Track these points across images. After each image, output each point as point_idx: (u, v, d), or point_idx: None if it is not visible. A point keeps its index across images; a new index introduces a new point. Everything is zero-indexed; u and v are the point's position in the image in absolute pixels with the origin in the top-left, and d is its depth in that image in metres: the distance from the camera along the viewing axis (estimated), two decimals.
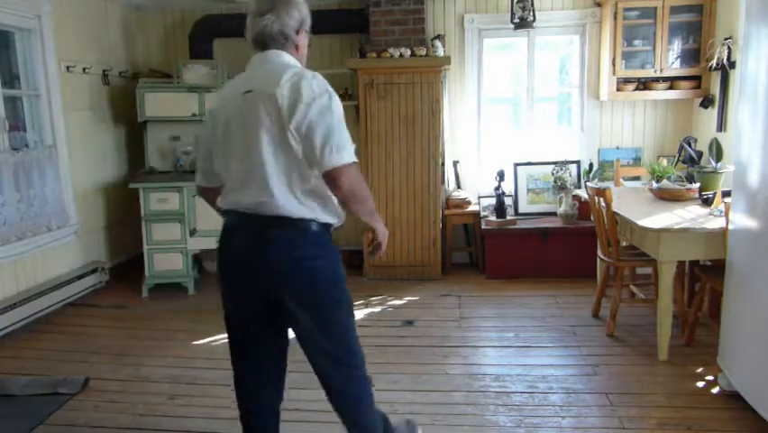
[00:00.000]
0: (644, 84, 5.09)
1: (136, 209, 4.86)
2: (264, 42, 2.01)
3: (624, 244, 4.03)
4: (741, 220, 2.89)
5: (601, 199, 3.81)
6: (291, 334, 2.16)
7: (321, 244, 2.01)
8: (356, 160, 1.94)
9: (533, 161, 5.47)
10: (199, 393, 3.22)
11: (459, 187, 5.51)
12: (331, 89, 1.95)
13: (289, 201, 1.93)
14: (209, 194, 2.21)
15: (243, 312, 2.09)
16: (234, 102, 1.98)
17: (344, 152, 1.89)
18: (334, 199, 2.01)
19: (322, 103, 1.89)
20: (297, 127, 1.88)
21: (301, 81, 1.90)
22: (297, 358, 3.69)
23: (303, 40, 2.10)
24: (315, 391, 3.21)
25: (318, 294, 2.00)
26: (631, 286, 4.31)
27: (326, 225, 2.02)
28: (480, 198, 5.46)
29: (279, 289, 1.97)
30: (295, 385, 3.29)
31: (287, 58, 2.04)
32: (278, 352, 2.20)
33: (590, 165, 5.32)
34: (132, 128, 5.53)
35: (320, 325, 2.03)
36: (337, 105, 1.93)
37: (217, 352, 3.77)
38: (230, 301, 2.11)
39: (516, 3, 4.96)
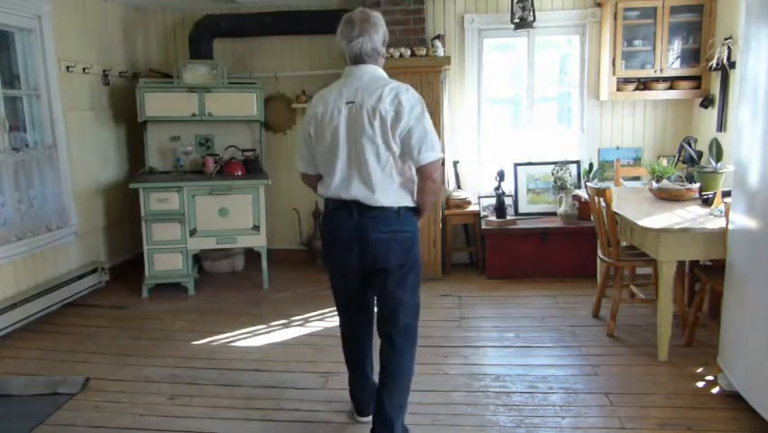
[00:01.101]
0: (644, 84, 5.09)
1: (136, 209, 4.86)
2: (361, 59, 2.48)
3: (624, 244, 4.03)
4: (741, 220, 2.89)
5: (601, 199, 3.81)
6: None
7: (409, 222, 2.54)
8: (442, 155, 2.33)
9: (533, 161, 5.47)
10: (199, 393, 3.22)
11: (459, 187, 5.51)
12: (420, 98, 2.44)
13: (384, 195, 2.44)
14: (310, 179, 2.69)
15: (349, 278, 2.61)
16: (339, 110, 2.44)
17: (435, 150, 2.42)
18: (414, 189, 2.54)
19: (417, 111, 2.39)
20: (400, 134, 2.38)
21: (400, 96, 2.39)
22: (292, 359, 3.71)
23: (384, 49, 2.57)
24: (314, 390, 3.23)
25: (408, 255, 2.53)
26: (631, 286, 4.31)
27: (410, 209, 2.54)
28: (480, 197, 5.46)
29: (382, 253, 2.48)
30: (293, 385, 3.30)
31: (380, 71, 2.52)
32: (369, 299, 2.73)
33: (590, 165, 5.32)
34: (132, 128, 5.53)
35: (398, 277, 2.53)
36: (426, 111, 2.43)
37: (217, 352, 3.78)
38: (338, 273, 2.64)
39: (516, 3, 4.96)
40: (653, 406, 2.97)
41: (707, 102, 4.89)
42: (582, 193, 4.82)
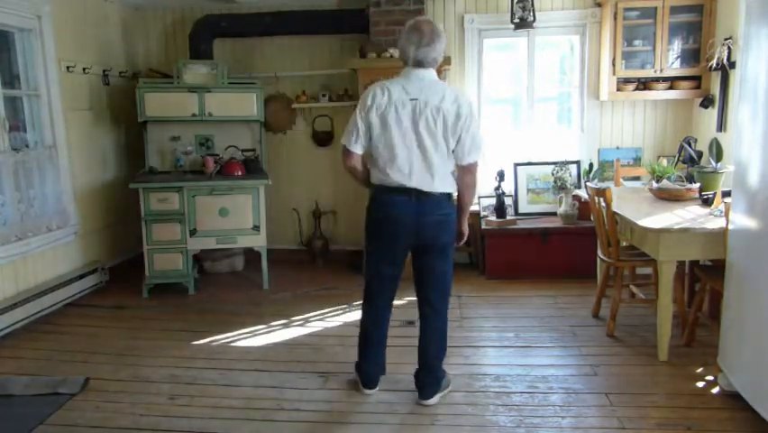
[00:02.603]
0: (644, 84, 5.08)
1: (136, 209, 4.86)
2: (422, 64, 2.78)
3: (624, 244, 4.02)
4: (741, 220, 2.89)
5: (601, 199, 3.81)
6: None
7: (453, 205, 2.94)
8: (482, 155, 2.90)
9: (533, 161, 5.47)
10: (199, 393, 3.22)
11: None
12: (471, 103, 2.82)
13: (440, 183, 2.81)
14: (354, 158, 2.91)
15: (394, 251, 2.94)
16: (403, 105, 2.74)
17: (481, 150, 2.85)
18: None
19: (471, 116, 2.78)
20: (457, 133, 2.75)
21: (459, 100, 2.76)
22: (292, 359, 3.70)
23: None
24: (313, 390, 3.23)
25: (452, 234, 2.95)
26: (631, 286, 4.31)
27: (452, 194, 2.92)
28: (480, 197, 5.46)
29: (434, 232, 2.86)
30: (293, 386, 3.30)
31: (435, 75, 2.84)
32: (400, 274, 3.04)
33: (590, 165, 5.31)
34: (132, 128, 5.53)
35: (444, 254, 2.95)
36: (476, 115, 2.89)
37: (217, 352, 3.78)
38: (386, 246, 2.92)
39: (516, 3, 4.96)
40: (652, 406, 2.97)
41: (707, 102, 4.89)
42: (582, 193, 4.82)
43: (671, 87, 5.02)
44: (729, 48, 4.44)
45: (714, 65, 4.56)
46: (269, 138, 5.79)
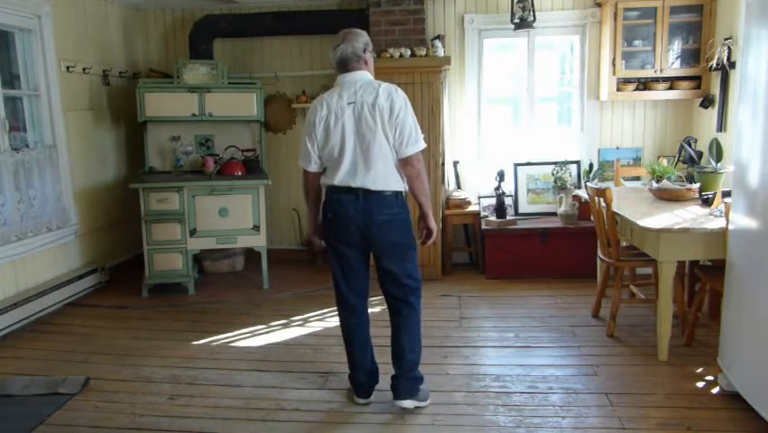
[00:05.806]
0: (644, 84, 5.09)
1: (136, 209, 4.86)
2: (345, 64, 2.84)
3: (624, 244, 4.03)
4: (741, 220, 2.89)
5: (601, 199, 3.81)
6: None
7: (404, 205, 2.91)
8: (425, 146, 2.88)
9: (533, 161, 5.47)
10: (199, 393, 3.22)
11: (459, 187, 5.51)
12: (406, 97, 2.83)
13: (385, 179, 2.81)
14: (314, 177, 2.97)
15: (351, 250, 2.91)
16: (342, 110, 2.79)
17: (419, 142, 2.84)
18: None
19: (406, 109, 2.80)
20: (393, 127, 2.77)
21: (393, 95, 2.78)
22: (292, 359, 3.70)
23: (369, 57, 2.91)
24: (313, 390, 3.23)
25: (404, 234, 2.91)
26: (631, 286, 4.31)
27: (403, 193, 2.90)
28: (479, 198, 5.46)
29: (383, 232, 2.84)
30: (292, 386, 3.30)
31: (368, 75, 2.89)
32: (366, 272, 3.01)
33: (590, 165, 5.32)
34: (132, 128, 5.53)
35: (401, 252, 2.91)
36: (411, 108, 2.83)
37: (217, 352, 3.78)
38: (341, 246, 2.91)
39: (517, 3, 4.96)
40: (652, 406, 2.97)
41: (707, 102, 4.89)
42: (582, 193, 4.81)
43: (671, 88, 5.02)
44: (729, 48, 4.44)
45: (714, 65, 4.56)
46: (269, 138, 5.79)
